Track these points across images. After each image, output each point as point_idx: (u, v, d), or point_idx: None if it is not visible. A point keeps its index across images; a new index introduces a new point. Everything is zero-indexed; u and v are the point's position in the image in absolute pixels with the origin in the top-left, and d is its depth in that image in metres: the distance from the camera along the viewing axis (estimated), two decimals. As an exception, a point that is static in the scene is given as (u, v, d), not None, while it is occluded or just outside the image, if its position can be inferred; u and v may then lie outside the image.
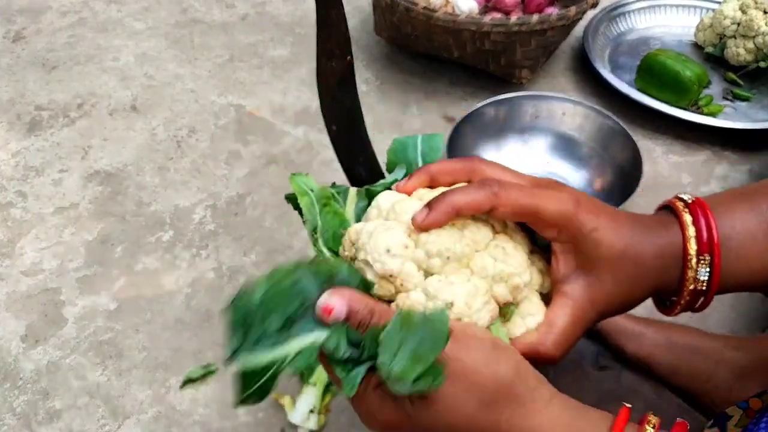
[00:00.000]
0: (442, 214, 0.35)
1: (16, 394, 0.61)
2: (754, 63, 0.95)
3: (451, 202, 0.35)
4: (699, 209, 0.38)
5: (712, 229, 0.37)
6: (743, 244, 0.38)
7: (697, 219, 0.37)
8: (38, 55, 1.02)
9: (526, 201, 0.36)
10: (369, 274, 0.36)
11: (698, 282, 0.38)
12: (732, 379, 0.54)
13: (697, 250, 0.37)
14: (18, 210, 0.78)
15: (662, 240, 0.38)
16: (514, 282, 0.36)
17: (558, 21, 0.84)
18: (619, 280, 0.37)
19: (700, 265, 0.37)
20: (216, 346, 0.64)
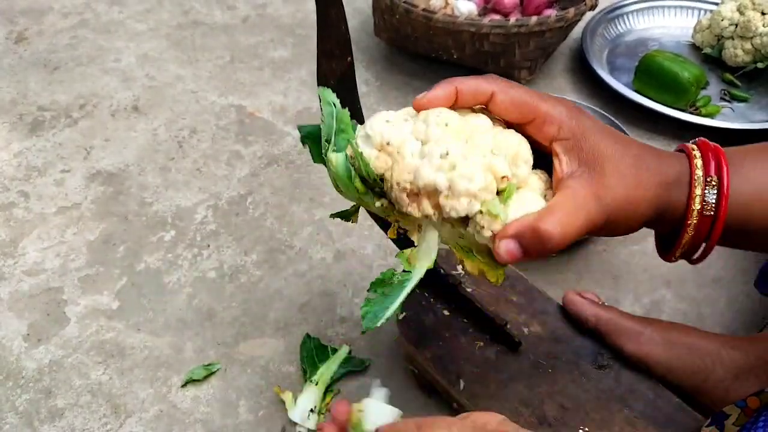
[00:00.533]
0: (442, 90, 0.36)
1: (18, 392, 0.61)
2: (752, 64, 0.95)
3: (452, 81, 0.36)
4: (707, 145, 0.38)
5: (721, 156, 0.37)
6: (758, 185, 0.37)
7: (704, 147, 0.38)
8: (40, 56, 1.03)
9: (527, 97, 0.36)
10: (367, 147, 0.36)
11: (707, 205, 0.36)
12: (730, 378, 0.55)
13: (704, 169, 0.36)
14: (20, 210, 0.79)
15: (667, 158, 0.38)
16: (513, 152, 0.35)
17: (556, 22, 0.85)
18: (622, 173, 0.36)
19: (708, 186, 0.36)
20: (217, 345, 0.65)
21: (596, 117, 0.81)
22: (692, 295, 0.70)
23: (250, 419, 0.59)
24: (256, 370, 0.63)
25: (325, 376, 0.60)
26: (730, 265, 0.73)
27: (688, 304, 0.69)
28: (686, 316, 0.68)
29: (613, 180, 0.35)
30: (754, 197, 0.36)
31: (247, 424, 0.59)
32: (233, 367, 0.63)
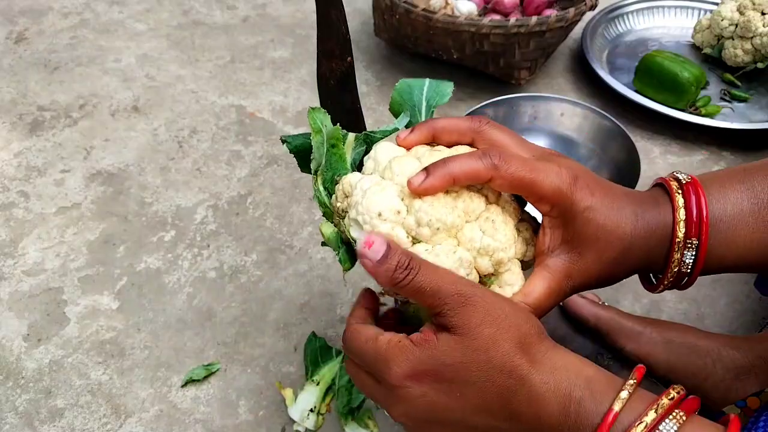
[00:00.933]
0: (439, 180, 0.36)
1: (18, 393, 0.61)
2: (752, 64, 0.95)
3: (449, 170, 0.36)
4: (692, 190, 0.38)
5: (703, 213, 0.38)
6: (733, 226, 0.38)
7: (689, 202, 0.38)
8: (40, 56, 1.03)
9: (524, 175, 0.36)
10: (356, 232, 0.37)
11: (683, 264, 0.38)
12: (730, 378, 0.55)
13: (686, 233, 0.38)
14: (20, 210, 0.79)
15: (653, 220, 0.38)
16: (498, 257, 0.37)
17: (556, 22, 0.85)
18: (604, 259, 0.38)
19: (687, 248, 0.38)
20: (217, 345, 0.65)
21: (597, 117, 0.82)
22: (692, 295, 0.70)
23: (250, 419, 0.59)
24: (256, 370, 0.63)
25: (327, 377, 0.60)
26: (730, 265, 0.73)
27: (688, 304, 0.69)
28: (686, 316, 0.68)
29: (591, 265, 0.38)
30: (734, 226, 0.38)
31: (247, 424, 0.59)
32: (233, 367, 0.63)
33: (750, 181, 0.39)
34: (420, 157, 0.38)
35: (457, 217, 0.36)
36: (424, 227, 0.36)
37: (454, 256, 0.36)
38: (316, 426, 0.58)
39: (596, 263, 0.37)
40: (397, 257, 0.34)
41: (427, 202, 0.36)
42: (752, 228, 0.38)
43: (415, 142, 0.39)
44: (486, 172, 0.36)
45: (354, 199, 0.37)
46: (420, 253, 0.36)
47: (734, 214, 0.38)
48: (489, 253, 0.37)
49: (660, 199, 0.39)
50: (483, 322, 0.34)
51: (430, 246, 0.36)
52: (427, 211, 0.36)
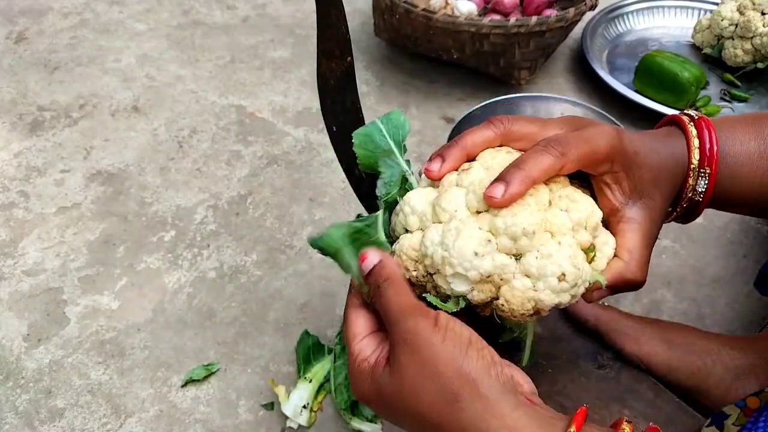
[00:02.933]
0: (520, 186, 0.36)
1: (18, 392, 0.61)
2: (752, 64, 0.95)
3: (528, 174, 0.36)
4: (704, 125, 0.41)
5: (714, 144, 0.40)
6: (739, 162, 0.41)
7: (701, 132, 0.41)
8: (40, 56, 1.03)
9: (585, 150, 0.37)
10: (462, 285, 0.36)
11: (696, 192, 0.41)
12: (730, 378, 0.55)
13: (699, 161, 0.41)
14: (20, 210, 0.79)
15: (676, 150, 0.41)
16: (593, 222, 0.37)
17: (556, 23, 0.85)
18: (663, 193, 0.40)
19: (700, 176, 0.41)
20: (217, 344, 0.65)
21: (597, 117, 0.81)
22: (692, 295, 0.70)
23: (249, 419, 0.59)
24: (256, 370, 0.63)
25: (319, 375, 0.61)
26: (730, 265, 0.73)
27: (688, 304, 0.69)
28: (686, 316, 0.68)
29: (660, 201, 0.40)
30: (740, 163, 0.41)
31: (247, 424, 0.59)
32: (233, 367, 0.63)
33: (759, 125, 0.42)
34: (453, 183, 0.38)
35: (538, 212, 0.36)
36: (521, 239, 0.35)
37: (562, 247, 0.35)
38: (308, 422, 0.58)
39: (662, 198, 0.40)
40: (374, 277, 0.37)
41: (507, 214, 0.35)
42: (756, 166, 0.41)
43: (450, 169, 0.39)
44: (558, 162, 0.37)
45: (437, 257, 0.36)
46: (532, 263, 0.35)
47: (741, 152, 0.41)
48: (583, 224, 0.37)
49: (674, 131, 0.42)
50: (411, 363, 0.34)
51: (536, 252, 0.35)
52: (515, 223, 0.35)
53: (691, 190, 0.41)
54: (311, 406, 0.59)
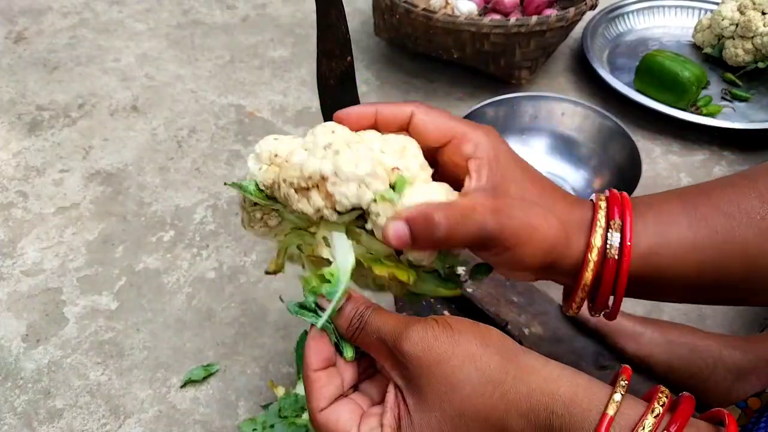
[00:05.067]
0: (362, 107, 0.36)
1: (17, 393, 0.61)
2: (753, 63, 0.95)
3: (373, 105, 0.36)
4: (615, 195, 0.37)
5: (626, 205, 0.36)
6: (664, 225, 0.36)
7: (613, 199, 0.37)
8: (39, 56, 1.02)
9: (447, 118, 0.36)
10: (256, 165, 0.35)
11: (608, 248, 0.35)
12: (731, 378, 0.55)
13: (607, 216, 0.36)
14: (19, 210, 0.79)
15: (573, 200, 0.37)
16: (399, 147, 0.35)
17: (557, 22, 0.84)
18: (526, 199, 0.35)
19: (611, 229, 0.35)
20: (217, 345, 0.65)
21: (597, 117, 0.81)
22: (693, 295, 0.70)
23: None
24: (255, 371, 0.63)
25: None
26: (731, 266, 0.72)
27: (689, 305, 0.69)
28: (686, 316, 0.68)
29: (516, 203, 0.35)
30: (657, 247, 0.35)
31: (247, 425, 0.59)
32: (233, 368, 0.63)
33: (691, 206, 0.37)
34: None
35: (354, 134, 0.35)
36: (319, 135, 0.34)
37: (351, 142, 0.34)
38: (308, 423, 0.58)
39: (521, 203, 0.35)
40: (348, 310, 0.35)
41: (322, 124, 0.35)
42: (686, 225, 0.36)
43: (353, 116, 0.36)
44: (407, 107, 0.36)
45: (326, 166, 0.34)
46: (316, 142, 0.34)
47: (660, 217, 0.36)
48: (390, 148, 0.35)
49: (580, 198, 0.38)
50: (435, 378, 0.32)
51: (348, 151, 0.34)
52: (322, 125, 0.35)
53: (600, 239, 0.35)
54: (311, 406, 0.59)
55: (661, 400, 0.31)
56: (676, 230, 0.36)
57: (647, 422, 0.30)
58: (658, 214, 0.36)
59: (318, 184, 0.34)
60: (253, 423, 0.56)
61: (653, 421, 0.30)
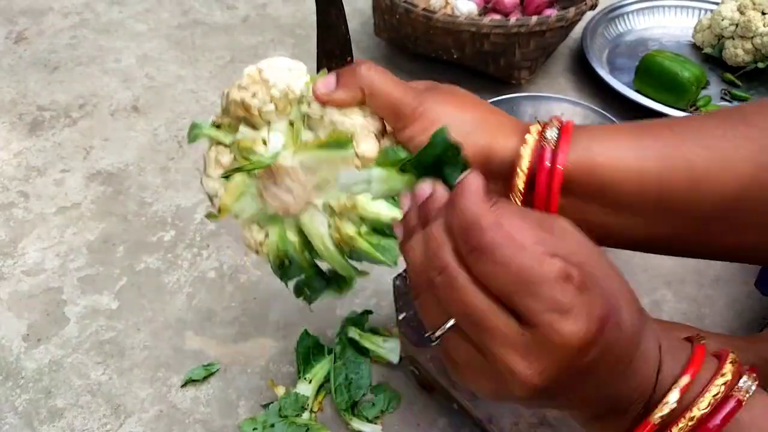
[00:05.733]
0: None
1: (18, 393, 0.61)
2: (753, 63, 0.95)
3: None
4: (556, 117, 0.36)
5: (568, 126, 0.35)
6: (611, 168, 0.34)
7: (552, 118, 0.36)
8: (40, 56, 1.02)
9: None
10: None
11: (545, 140, 0.34)
12: (730, 378, 0.55)
13: (544, 123, 0.35)
14: (20, 210, 0.79)
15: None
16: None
17: (557, 22, 0.84)
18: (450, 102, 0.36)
19: (548, 127, 0.34)
20: (217, 345, 0.65)
21: (597, 117, 0.81)
22: (692, 295, 0.70)
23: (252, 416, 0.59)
24: (256, 370, 0.63)
25: (318, 375, 0.61)
26: (730, 265, 0.72)
27: (688, 304, 0.69)
28: (686, 316, 0.68)
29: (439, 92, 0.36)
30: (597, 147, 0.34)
31: (247, 425, 0.59)
32: (233, 367, 0.63)
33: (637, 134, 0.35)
34: None
35: None
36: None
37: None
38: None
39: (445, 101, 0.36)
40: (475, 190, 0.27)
41: None
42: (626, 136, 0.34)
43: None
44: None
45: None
46: None
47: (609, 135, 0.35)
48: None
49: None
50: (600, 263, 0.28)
51: None
52: None
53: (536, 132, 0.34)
54: (311, 406, 0.59)
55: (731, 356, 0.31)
56: (619, 137, 0.34)
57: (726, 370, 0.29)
58: (600, 128, 0.36)
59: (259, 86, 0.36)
60: (254, 422, 0.57)
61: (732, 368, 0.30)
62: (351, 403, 0.59)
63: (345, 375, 0.60)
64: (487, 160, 0.35)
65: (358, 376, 0.60)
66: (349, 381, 0.60)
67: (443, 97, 0.36)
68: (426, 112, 0.34)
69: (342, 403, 0.59)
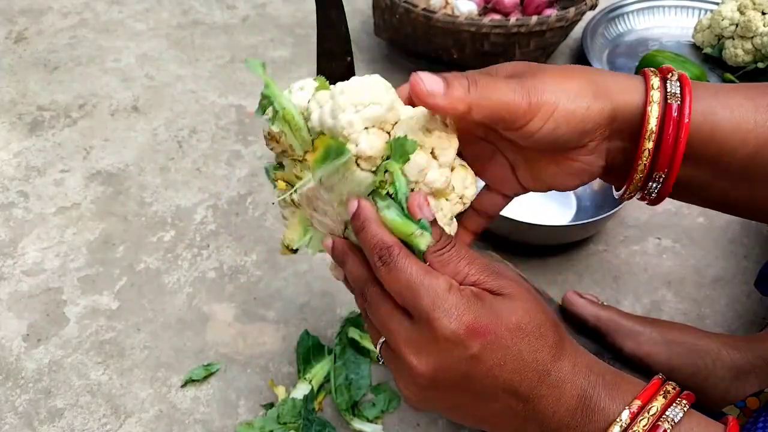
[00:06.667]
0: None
1: (18, 393, 0.61)
2: (753, 64, 0.95)
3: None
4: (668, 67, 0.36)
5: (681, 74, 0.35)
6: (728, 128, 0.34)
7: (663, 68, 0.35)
8: (40, 56, 1.02)
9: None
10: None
11: (668, 95, 0.33)
12: (729, 378, 0.55)
13: (662, 73, 0.34)
14: (20, 210, 0.79)
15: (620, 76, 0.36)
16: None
17: (557, 22, 0.84)
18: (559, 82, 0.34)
19: (669, 81, 0.34)
20: (217, 345, 0.65)
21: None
22: (692, 295, 0.70)
23: (250, 419, 0.59)
24: (256, 370, 0.63)
25: (319, 376, 0.61)
26: (730, 265, 0.72)
27: (688, 304, 0.69)
28: (686, 316, 0.68)
29: (536, 71, 0.34)
30: (717, 107, 0.33)
31: (247, 425, 0.59)
32: (233, 367, 0.63)
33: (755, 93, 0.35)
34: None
35: None
36: None
37: None
38: None
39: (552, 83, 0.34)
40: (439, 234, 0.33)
41: None
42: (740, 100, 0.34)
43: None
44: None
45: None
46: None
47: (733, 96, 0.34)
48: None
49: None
50: (522, 293, 0.32)
51: None
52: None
53: (659, 85, 0.34)
54: (311, 407, 0.59)
55: (671, 383, 0.34)
56: (737, 98, 0.34)
57: (657, 402, 0.32)
58: (717, 86, 0.35)
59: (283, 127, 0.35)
60: (251, 428, 0.57)
61: (663, 401, 0.32)
62: (351, 403, 0.59)
63: (345, 375, 0.60)
64: (612, 122, 0.34)
65: (358, 376, 0.61)
66: (349, 381, 0.60)
67: (547, 78, 0.34)
68: (540, 103, 0.33)
69: (342, 404, 0.59)
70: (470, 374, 0.31)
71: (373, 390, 0.61)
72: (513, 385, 0.31)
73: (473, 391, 0.32)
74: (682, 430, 0.31)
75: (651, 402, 0.32)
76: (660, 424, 0.31)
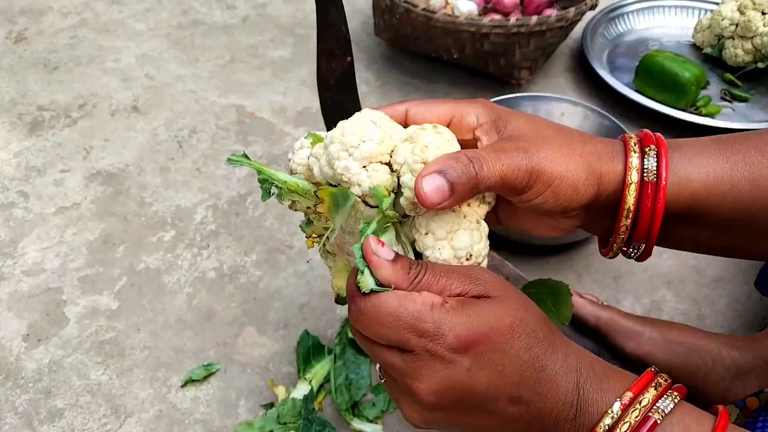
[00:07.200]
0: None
1: (18, 393, 0.61)
2: (753, 63, 0.95)
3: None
4: (648, 133, 0.37)
5: (659, 138, 0.36)
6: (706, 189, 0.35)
7: (643, 134, 0.36)
8: (40, 56, 1.02)
9: (440, 102, 0.37)
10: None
11: (646, 172, 0.34)
12: (729, 378, 0.55)
13: (641, 144, 0.35)
14: (20, 210, 0.79)
15: (597, 138, 0.37)
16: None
17: (557, 22, 0.84)
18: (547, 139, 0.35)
19: (646, 156, 0.35)
20: (217, 345, 0.65)
21: (597, 117, 0.81)
22: (692, 295, 0.70)
23: (249, 419, 0.59)
24: (256, 370, 0.63)
25: (319, 375, 0.61)
26: (730, 265, 0.72)
27: (688, 304, 0.69)
28: (686, 316, 0.68)
29: (539, 142, 0.34)
30: (694, 173, 0.35)
31: (247, 425, 0.59)
32: (233, 367, 0.63)
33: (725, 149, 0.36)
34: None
35: None
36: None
37: None
38: None
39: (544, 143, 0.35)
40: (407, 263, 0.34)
41: None
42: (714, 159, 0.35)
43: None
44: (401, 106, 0.37)
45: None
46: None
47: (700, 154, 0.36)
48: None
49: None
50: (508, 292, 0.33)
51: None
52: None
53: (637, 162, 0.35)
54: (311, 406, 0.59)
55: (663, 376, 0.34)
56: (711, 160, 0.35)
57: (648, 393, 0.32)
58: (693, 147, 0.36)
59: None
60: (251, 428, 0.57)
61: (654, 392, 0.32)
62: (351, 403, 0.59)
63: (345, 375, 0.60)
64: (595, 200, 0.36)
65: (358, 376, 0.61)
66: (349, 381, 0.60)
67: (548, 152, 0.34)
68: (538, 175, 0.34)
69: (342, 403, 0.59)
70: (472, 387, 0.31)
71: (373, 390, 0.61)
72: (513, 390, 0.32)
73: (476, 405, 0.32)
74: (673, 421, 0.32)
75: (642, 393, 0.32)
76: (651, 415, 0.31)
